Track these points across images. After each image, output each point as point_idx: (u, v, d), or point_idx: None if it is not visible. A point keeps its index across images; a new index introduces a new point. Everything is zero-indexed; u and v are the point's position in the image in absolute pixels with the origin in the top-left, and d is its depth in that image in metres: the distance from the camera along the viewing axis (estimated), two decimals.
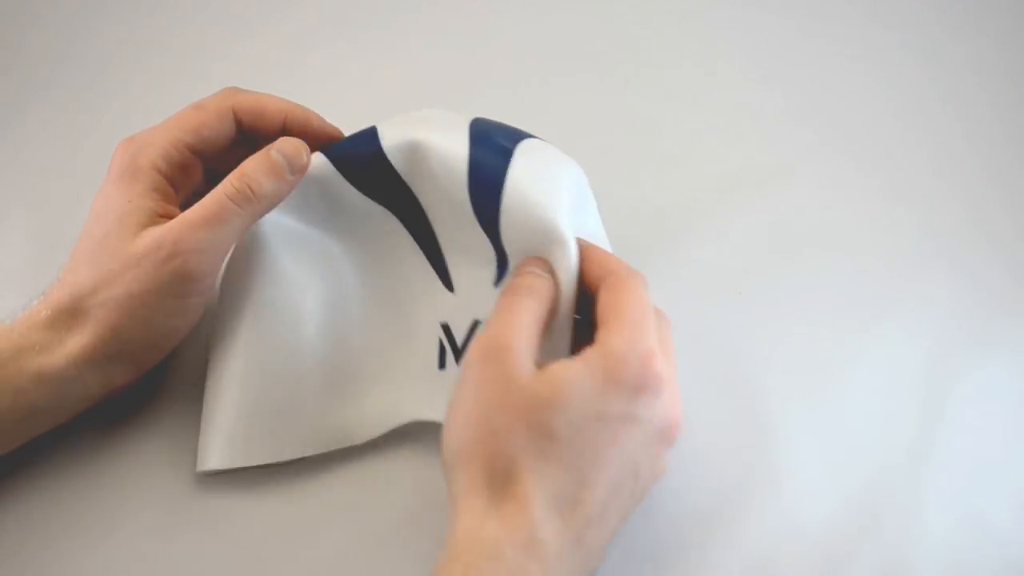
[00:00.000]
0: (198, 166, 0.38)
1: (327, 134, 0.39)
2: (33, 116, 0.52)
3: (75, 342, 0.34)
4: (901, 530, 0.38)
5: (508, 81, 0.54)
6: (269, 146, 0.36)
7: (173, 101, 0.40)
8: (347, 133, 0.39)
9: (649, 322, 0.31)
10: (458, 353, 0.38)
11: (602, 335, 0.31)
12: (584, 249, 0.34)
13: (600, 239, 0.39)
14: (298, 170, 0.36)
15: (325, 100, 0.41)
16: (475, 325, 0.38)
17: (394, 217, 0.40)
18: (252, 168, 0.35)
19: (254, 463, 0.36)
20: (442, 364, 0.38)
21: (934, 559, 0.37)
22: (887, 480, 0.39)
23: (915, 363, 0.43)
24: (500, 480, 0.29)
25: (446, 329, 0.39)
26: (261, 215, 0.36)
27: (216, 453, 0.36)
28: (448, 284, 0.39)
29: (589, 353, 0.30)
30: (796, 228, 0.48)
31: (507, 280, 0.34)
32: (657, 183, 0.49)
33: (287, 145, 0.36)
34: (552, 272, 0.34)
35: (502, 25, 0.57)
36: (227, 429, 0.36)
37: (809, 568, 0.37)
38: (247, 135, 0.39)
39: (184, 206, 0.36)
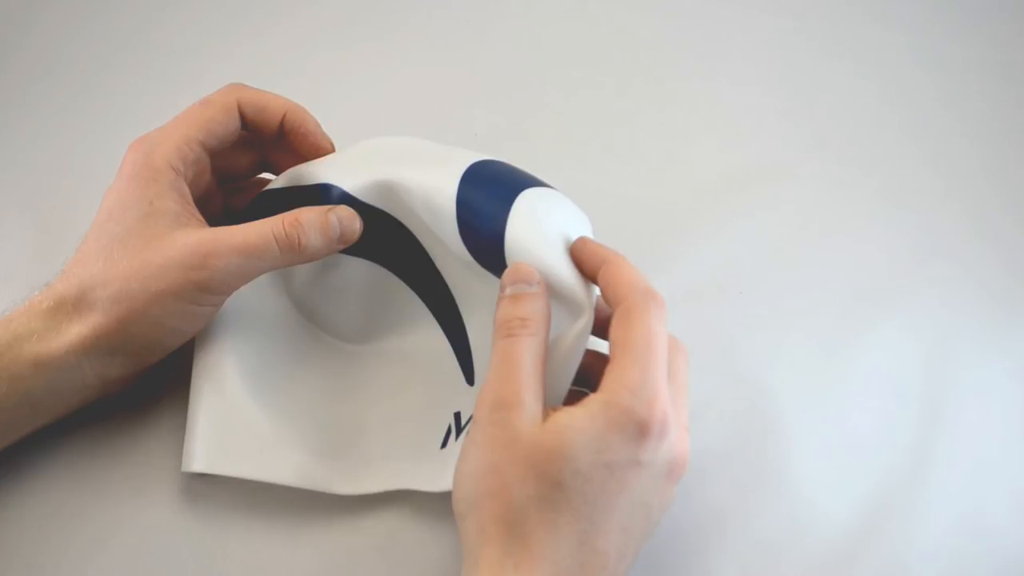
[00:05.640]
0: (208, 163, 0.38)
1: (317, 142, 0.39)
2: (33, 116, 0.52)
3: (76, 331, 0.34)
4: (901, 530, 0.38)
5: (509, 84, 0.54)
6: (330, 207, 0.36)
7: (173, 101, 0.40)
8: (345, 141, 0.40)
9: (656, 360, 0.30)
10: (459, 433, 0.38)
11: (607, 378, 0.30)
12: (605, 265, 0.33)
13: None
14: (346, 240, 0.37)
15: (325, 104, 0.41)
16: None
17: (407, 287, 0.41)
18: (308, 221, 0.35)
19: (238, 475, 0.36)
20: (444, 444, 0.38)
21: (934, 558, 0.37)
22: (887, 480, 0.39)
23: (915, 363, 0.43)
24: (513, 531, 0.29)
25: (456, 416, 0.39)
26: (296, 264, 0.37)
27: (199, 456, 0.35)
28: (470, 379, 0.40)
29: (592, 400, 0.30)
30: (796, 228, 0.48)
31: (498, 306, 0.33)
32: (657, 183, 0.49)
33: (346, 214, 0.37)
34: (542, 282, 0.33)
35: (503, 29, 0.57)
36: (210, 433, 0.36)
37: (809, 569, 0.37)
38: (250, 132, 0.39)
39: (196, 203, 0.37)
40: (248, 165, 0.41)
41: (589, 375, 0.35)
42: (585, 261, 0.34)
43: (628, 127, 0.52)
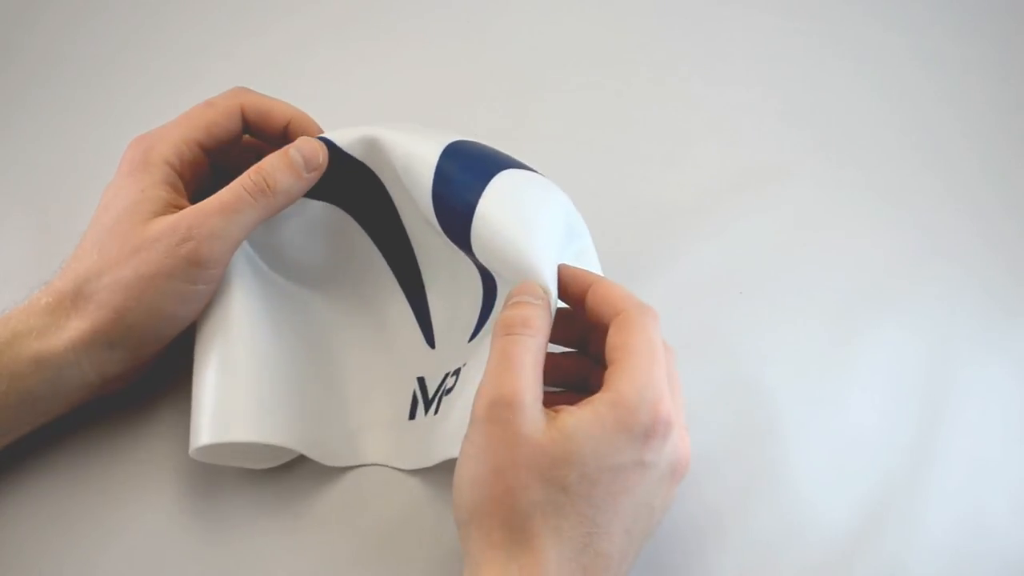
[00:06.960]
0: (206, 163, 0.39)
1: None
2: (35, 115, 0.52)
3: (75, 326, 0.34)
4: (901, 530, 0.38)
5: (509, 83, 0.54)
6: (288, 145, 0.37)
7: (174, 101, 0.40)
8: None
9: (659, 364, 0.31)
10: (428, 405, 0.38)
11: (612, 380, 0.31)
12: (595, 284, 0.33)
13: (591, 263, 0.38)
14: (314, 169, 0.37)
15: (325, 104, 0.42)
16: (445, 377, 0.38)
17: (369, 239, 0.41)
18: (270, 164, 0.36)
19: (242, 439, 0.35)
20: (412, 415, 0.38)
21: (934, 558, 0.37)
22: (887, 480, 0.39)
23: (915, 363, 0.43)
24: (517, 536, 0.29)
25: (420, 382, 0.39)
26: (275, 210, 0.37)
27: (205, 430, 0.35)
28: (431, 341, 0.40)
29: (599, 400, 0.30)
30: (796, 228, 0.48)
31: (500, 312, 0.33)
32: (657, 183, 0.49)
33: (305, 144, 0.37)
34: (545, 298, 0.33)
35: (503, 29, 0.57)
36: (214, 405, 0.35)
37: (809, 569, 0.37)
38: (253, 135, 0.40)
39: (192, 201, 0.37)
40: (249, 165, 0.41)
41: (587, 380, 0.36)
42: (570, 285, 0.34)
43: (628, 127, 0.52)
